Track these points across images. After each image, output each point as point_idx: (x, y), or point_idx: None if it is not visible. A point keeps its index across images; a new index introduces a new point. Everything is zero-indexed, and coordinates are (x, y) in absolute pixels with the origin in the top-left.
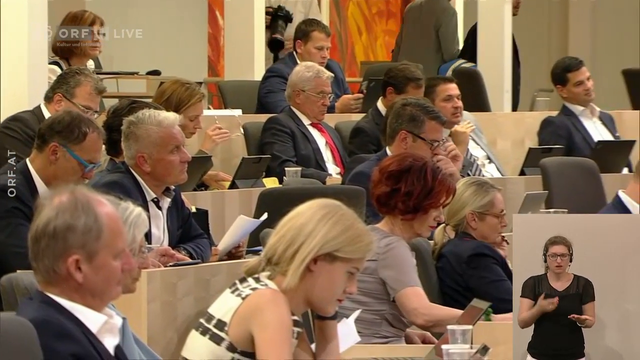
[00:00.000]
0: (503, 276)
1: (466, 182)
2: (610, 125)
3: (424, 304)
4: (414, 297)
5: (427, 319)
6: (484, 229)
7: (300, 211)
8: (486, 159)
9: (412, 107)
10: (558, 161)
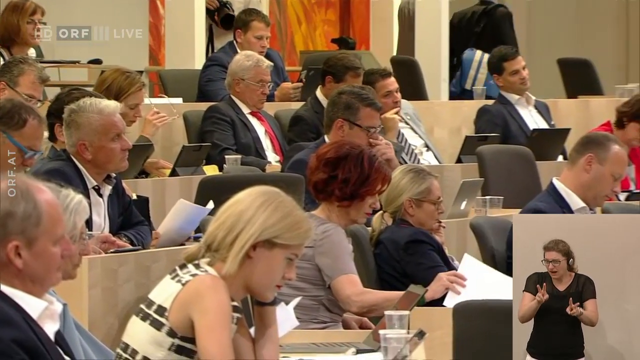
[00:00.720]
0: (439, 262)
1: (403, 170)
2: (546, 114)
3: (356, 290)
4: (347, 285)
5: (360, 306)
6: (421, 215)
7: (240, 198)
8: (424, 147)
9: (348, 95)
10: (494, 149)
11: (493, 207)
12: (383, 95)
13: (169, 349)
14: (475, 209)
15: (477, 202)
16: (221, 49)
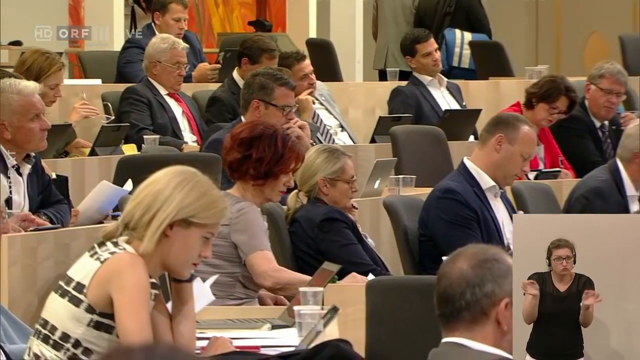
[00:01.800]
0: (354, 240)
1: (317, 150)
2: (457, 95)
3: (272, 267)
4: (263, 260)
5: (274, 282)
6: (335, 194)
7: (157, 178)
8: (339, 127)
9: (262, 76)
10: (407, 129)
11: (406, 186)
12: (299, 77)
13: (87, 324)
14: (388, 187)
15: (391, 181)
16: (139, 31)
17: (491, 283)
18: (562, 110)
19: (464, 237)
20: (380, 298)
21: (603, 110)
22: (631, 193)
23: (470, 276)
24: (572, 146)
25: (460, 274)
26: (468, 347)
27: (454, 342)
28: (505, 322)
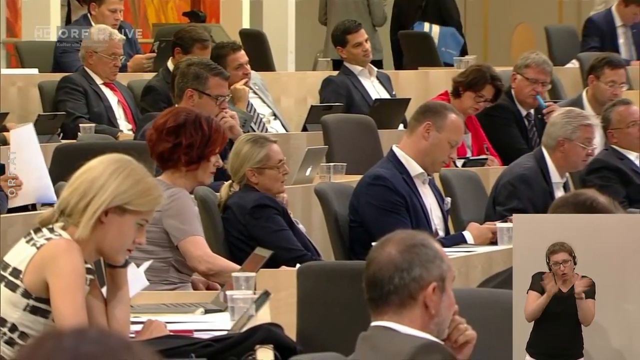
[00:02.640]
0: (284, 226)
1: (243, 140)
2: (387, 85)
3: (206, 252)
4: (197, 245)
5: (209, 267)
6: (265, 181)
7: (93, 165)
8: (272, 116)
9: (196, 66)
10: (338, 118)
11: (337, 174)
12: (234, 67)
13: (24, 309)
14: (319, 175)
15: (322, 168)
16: (76, 22)
17: (419, 268)
18: (488, 98)
19: (394, 223)
20: (311, 283)
21: (529, 99)
22: (556, 180)
23: (399, 261)
24: (499, 134)
25: (388, 259)
26: (396, 330)
27: (382, 325)
28: (432, 306)
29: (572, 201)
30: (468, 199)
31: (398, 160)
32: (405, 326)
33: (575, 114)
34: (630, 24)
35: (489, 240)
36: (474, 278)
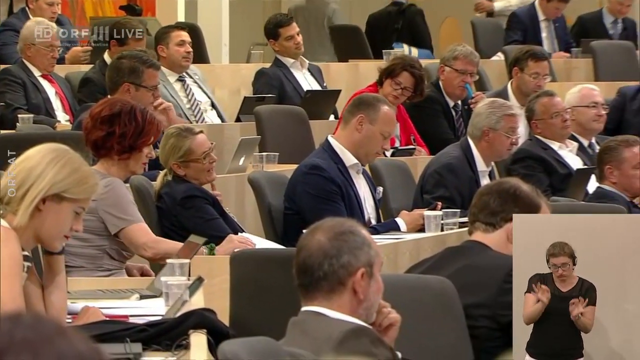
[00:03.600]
0: (215, 214)
1: (168, 133)
2: (318, 76)
3: (151, 238)
4: (140, 233)
5: (155, 252)
6: (191, 173)
7: (31, 154)
8: (209, 106)
9: (129, 60)
10: (271, 109)
11: (269, 163)
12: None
13: None
14: (252, 164)
15: (255, 158)
16: (14, 15)
17: (347, 254)
18: (407, 86)
19: (329, 211)
20: (243, 269)
21: (457, 90)
22: (481, 168)
23: (328, 248)
24: (427, 125)
25: (318, 246)
26: (326, 315)
27: (312, 310)
28: (361, 291)
29: (496, 189)
30: (397, 188)
31: (333, 150)
32: (334, 311)
33: (499, 104)
34: (552, 18)
35: (420, 226)
36: (402, 264)
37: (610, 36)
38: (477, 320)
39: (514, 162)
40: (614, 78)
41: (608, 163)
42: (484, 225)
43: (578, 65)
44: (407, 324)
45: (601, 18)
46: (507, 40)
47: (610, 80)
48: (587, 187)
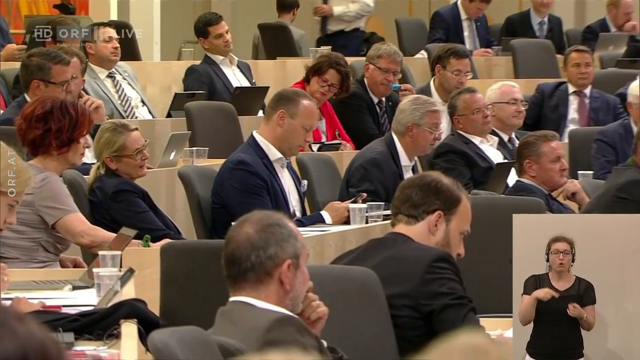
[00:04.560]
0: (146, 208)
1: (104, 128)
2: (247, 73)
3: (88, 226)
4: (77, 222)
5: (91, 240)
6: (123, 168)
7: None
8: (140, 102)
9: (38, 57)
10: (201, 105)
11: (199, 157)
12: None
13: None
14: (183, 158)
15: (185, 152)
16: None
17: (274, 246)
18: (333, 83)
19: (255, 204)
20: (173, 261)
21: (381, 88)
22: (405, 163)
23: (255, 240)
24: (352, 120)
25: (246, 238)
26: (253, 305)
27: (240, 300)
28: (287, 282)
29: (418, 182)
30: (323, 182)
31: (258, 145)
32: (261, 301)
33: (422, 101)
34: (474, 17)
35: (345, 219)
36: (328, 255)
37: (537, 36)
38: (400, 310)
39: (437, 157)
40: (533, 75)
41: (527, 157)
42: (406, 217)
43: (498, 63)
44: (332, 313)
45: (528, 18)
46: (431, 39)
47: (529, 77)
48: (507, 181)
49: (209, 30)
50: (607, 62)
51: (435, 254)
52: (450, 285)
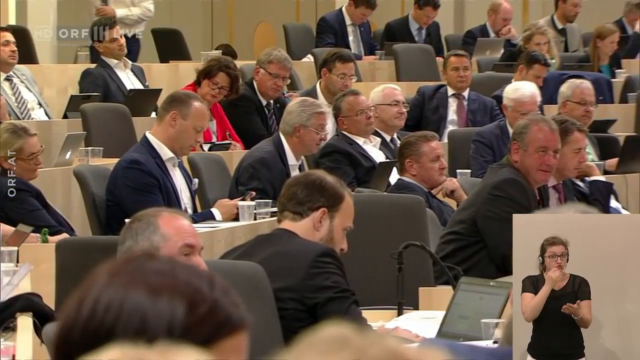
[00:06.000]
0: (39, 206)
1: (3, 128)
2: (141, 76)
3: None
4: None
5: None
6: (17, 169)
7: None
8: (37, 104)
9: None
10: (96, 106)
11: (94, 157)
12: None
13: None
14: (78, 158)
15: (81, 152)
16: None
17: (130, 240)
18: (223, 85)
19: (148, 202)
20: (68, 256)
21: (270, 91)
22: (292, 162)
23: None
24: (242, 121)
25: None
26: None
27: None
28: None
29: (303, 181)
30: (213, 180)
31: (151, 145)
32: None
33: (309, 103)
34: (358, 23)
35: (234, 216)
36: (218, 251)
37: (416, 41)
38: (286, 303)
39: (322, 156)
40: (414, 78)
41: (408, 157)
42: (292, 214)
43: (382, 67)
44: None
45: (407, 25)
46: (317, 44)
47: (410, 81)
48: (389, 179)
49: (103, 35)
50: (484, 66)
51: (320, 249)
52: (334, 279)
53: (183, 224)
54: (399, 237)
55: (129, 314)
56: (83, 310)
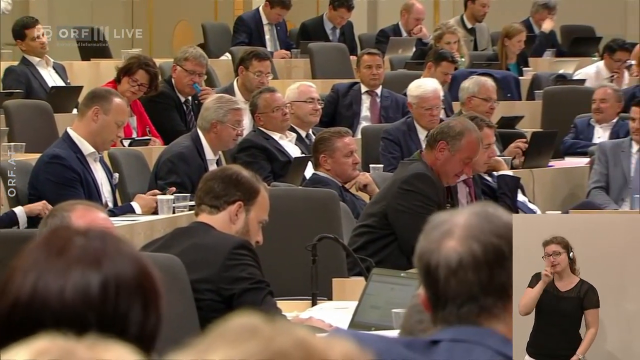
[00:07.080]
0: None
1: None
2: (63, 74)
3: None
4: None
5: None
6: None
7: None
8: None
9: None
10: (19, 103)
11: (17, 152)
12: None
13: None
14: (1, 153)
15: (3, 148)
16: None
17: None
18: (143, 82)
19: (69, 196)
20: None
21: (187, 88)
22: (210, 157)
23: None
24: (161, 117)
25: None
26: None
27: None
28: None
29: (220, 175)
30: (133, 175)
31: (72, 140)
32: None
33: (226, 100)
34: (274, 22)
35: (153, 209)
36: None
37: (331, 40)
38: (203, 294)
39: (239, 151)
40: (328, 76)
41: (322, 152)
42: (209, 207)
43: (297, 65)
44: None
45: (322, 24)
46: (234, 42)
47: (325, 78)
48: (305, 173)
49: (25, 33)
50: (396, 64)
51: (236, 241)
52: (250, 271)
53: (96, 217)
54: (313, 229)
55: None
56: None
